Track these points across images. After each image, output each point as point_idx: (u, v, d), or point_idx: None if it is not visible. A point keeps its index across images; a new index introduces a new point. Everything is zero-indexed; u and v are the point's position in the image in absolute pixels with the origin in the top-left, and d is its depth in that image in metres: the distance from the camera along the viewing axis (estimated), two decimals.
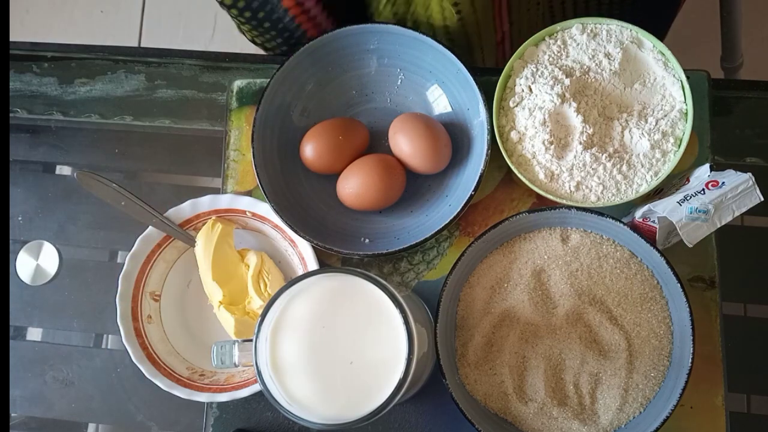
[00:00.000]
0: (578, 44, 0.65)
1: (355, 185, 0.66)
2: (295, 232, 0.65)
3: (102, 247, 1.19)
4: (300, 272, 0.68)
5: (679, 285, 0.59)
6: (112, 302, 0.67)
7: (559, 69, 0.64)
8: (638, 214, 0.62)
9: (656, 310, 0.61)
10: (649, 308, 0.61)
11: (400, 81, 0.71)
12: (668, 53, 0.64)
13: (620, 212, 0.66)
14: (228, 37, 1.48)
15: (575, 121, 0.62)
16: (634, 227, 0.61)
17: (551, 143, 0.62)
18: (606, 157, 0.62)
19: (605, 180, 0.62)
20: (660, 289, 0.62)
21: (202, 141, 1.22)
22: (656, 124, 0.62)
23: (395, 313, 0.51)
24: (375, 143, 0.71)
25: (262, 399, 0.68)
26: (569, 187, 0.63)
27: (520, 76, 0.65)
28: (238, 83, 0.75)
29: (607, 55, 0.64)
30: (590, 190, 0.63)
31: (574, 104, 0.62)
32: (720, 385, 0.64)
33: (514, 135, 0.64)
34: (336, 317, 0.53)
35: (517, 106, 0.65)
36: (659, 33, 1.05)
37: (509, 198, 0.69)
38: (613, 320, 0.61)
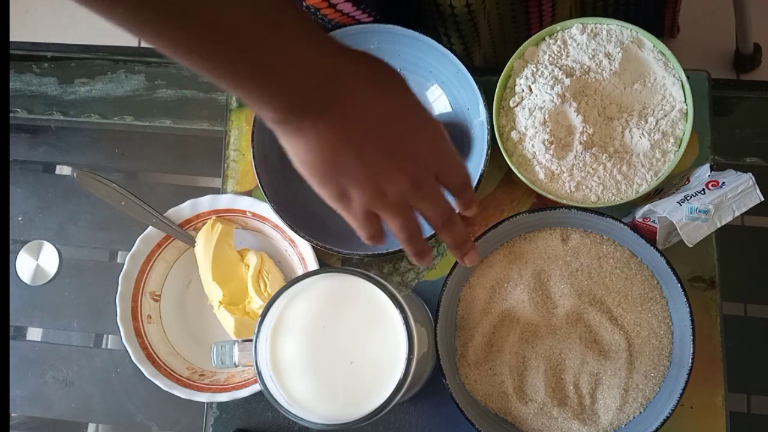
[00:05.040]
0: (578, 44, 0.65)
1: None
2: (295, 232, 0.65)
3: (102, 247, 1.19)
4: (300, 272, 0.68)
5: (679, 285, 0.59)
6: (112, 302, 0.67)
7: (560, 69, 0.64)
8: (638, 214, 0.62)
9: (656, 310, 0.61)
10: (649, 308, 0.61)
11: None
12: (668, 53, 0.64)
13: (620, 212, 0.65)
14: None
15: (575, 121, 0.62)
16: (634, 227, 0.61)
17: (551, 143, 0.62)
18: (606, 157, 0.62)
19: (605, 180, 0.62)
20: (660, 289, 0.62)
21: (202, 141, 1.23)
22: (656, 124, 0.62)
23: (395, 313, 0.51)
24: None
25: (262, 399, 0.68)
26: (569, 187, 0.63)
27: (520, 76, 0.65)
28: None
29: (608, 55, 0.64)
30: (590, 190, 0.63)
31: (575, 104, 0.62)
32: (720, 385, 0.64)
33: (514, 135, 0.64)
34: (336, 317, 0.53)
35: (517, 106, 0.65)
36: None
37: (509, 198, 0.69)
38: (613, 320, 0.61)
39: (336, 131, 0.44)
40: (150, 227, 0.69)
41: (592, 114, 0.63)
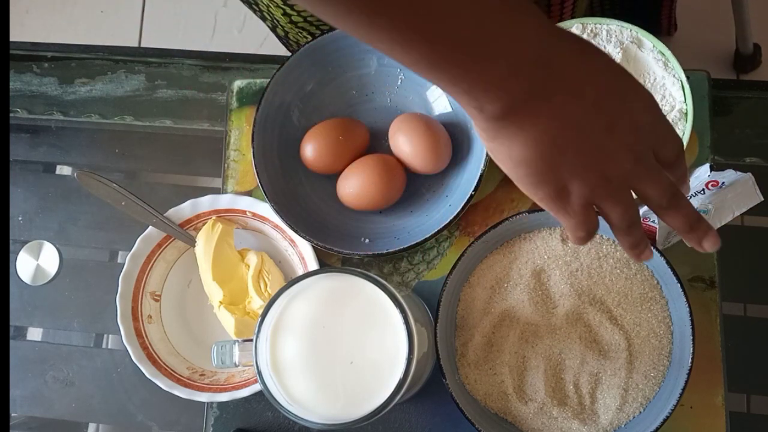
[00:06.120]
0: None
1: (355, 185, 0.66)
2: (295, 232, 0.65)
3: (102, 247, 1.19)
4: (300, 272, 0.68)
5: (679, 285, 0.59)
6: (112, 302, 0.67)
7: None
8: None
9: (656, 310, 0.61)
10: (649, 308, 0.61)
11: (400, 81, 0.71)
12: (668, 53, 0.64)
13: None
14: (228, 37, 1.48)
15: None
16: None
17: None
18: None
19: None
20: (660, 289, 0.62)
21: (202, 141, 1.23)
22: None
23: (395, 313, 0.51)
24: (375, 143, 0.71)
25: (262, 399, 0.68)
26: None
27: None
28: (238, 83, 0.75)
29: None
30: None
31: None
32: (720, 385, 0.64)
33: None
34: (336, 317, 0.53)
35: None
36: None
37: (509, 198, 0.69)
38: (613, 320, 0.61)
39: (559, 117, 0.39)
40: (150, 227, 0.69)
41: None
